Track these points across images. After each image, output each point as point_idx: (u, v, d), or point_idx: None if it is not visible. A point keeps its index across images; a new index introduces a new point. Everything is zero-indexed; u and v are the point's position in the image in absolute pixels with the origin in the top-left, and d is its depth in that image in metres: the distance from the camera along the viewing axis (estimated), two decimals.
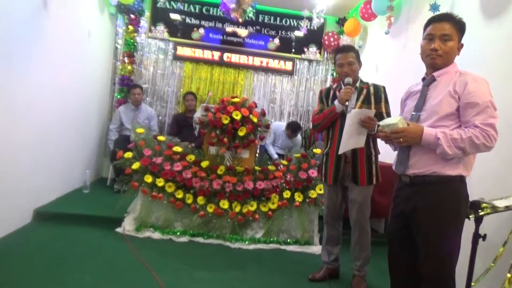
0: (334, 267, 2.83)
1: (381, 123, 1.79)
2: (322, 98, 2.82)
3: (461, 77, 1.69)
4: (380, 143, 2.13)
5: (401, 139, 1.69)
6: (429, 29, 1.78)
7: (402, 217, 1.82)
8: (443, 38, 1.73)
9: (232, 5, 4.15)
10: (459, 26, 1.74)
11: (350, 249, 2.74)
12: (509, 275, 2.12)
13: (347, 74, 2.63)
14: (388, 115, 2.58)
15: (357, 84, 2.67)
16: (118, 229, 3.39)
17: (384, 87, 2.66)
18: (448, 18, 1.75)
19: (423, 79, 1.85)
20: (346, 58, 2.65)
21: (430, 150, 1.69)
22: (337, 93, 2.70)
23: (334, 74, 5.80)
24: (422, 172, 1.73)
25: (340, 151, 2.45)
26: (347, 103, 2.56)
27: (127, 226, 3.41)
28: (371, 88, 2.65)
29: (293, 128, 5.06)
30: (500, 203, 1.96)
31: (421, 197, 1.74)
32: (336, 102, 2.62)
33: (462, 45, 1.78)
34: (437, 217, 1.69)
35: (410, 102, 1.88)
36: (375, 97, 2.62)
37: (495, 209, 1.94)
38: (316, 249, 3.39)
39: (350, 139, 2.33)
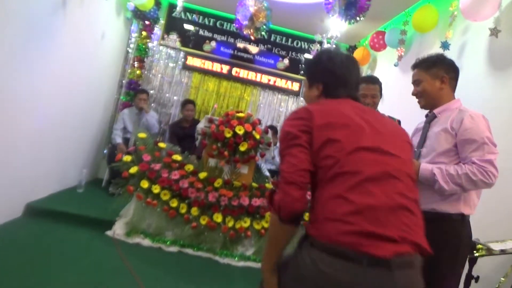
0: None
1: None
2: None
3: (459, 114, 1.72)
4: None
5: None
6: None
7: None
8: (415, 84, 1.89)
9: (245, 22, 4.21)
10: (426, 66, 1.84)
11: None
12: None
13: (368, 106, 2.62)
14: None
15: None
16: (108, 232, 3.35)
17: (399, 121, 2.64)
18: (415, 65, 1.91)
19: (426, 115, 1.90)
20: (370, 90, 2.62)
21: (429, 187, 1.69)
22: None
23: None
24: (421, 209, 1.72)
25: None
26: None
27: (118, 229, 3.37)
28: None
29: (271, 127, 4.95)
30: (496, 246, 1.94)
31: None
32: None
33: (444, 77, 1.83)
34: (435, 259, 1.66)
35: (415, 139, 1.93)
36: None
37: (490, 252, 1.92)
38: None
39: None
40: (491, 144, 1.63)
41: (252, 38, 4.14)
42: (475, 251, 1.90)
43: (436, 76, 1.82)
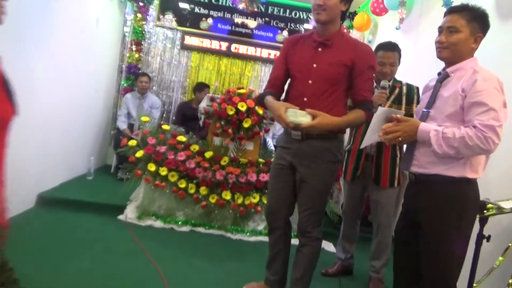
0: (348, 264, 2.83)
1: (289, 113, 1.82)
2: None
3: (473, 75, 1.60)
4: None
5: (399, 138, 1.66)
6: (441, 22, 1.73)
7: (408, 215, 1.79)
8: (449, 30, 1.66)
9: None
10: (471, 17, 1.64)
11: (370, 250, 2.73)
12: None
13: (386, 75, 2.53)
14: None
15: (390, 83, 2.55)
16: (120, 217, 3.40)
17: (418, 88, 2.55)
18: (457, 9, 1.68)
19: (439, 74, 1.78)
20: (389, 57, 2.53)
21: (434, 152, 1.64)
22: None
23: None
24: (426, 172, 1.69)
25: (362, 145, 2.41)
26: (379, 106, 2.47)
27: (129, 213, 3.42)
28: (404, 88, 2.56)
29: None
30: (507, 205, 1.92)
31: (425, 197, 1.70)
32: None
33: (479, 37, 1.66)
34: (439, 220, 1.64)
35: (424, 98, 1.83)
36: (407, 98, 2.52)
37: (500, 210, 1.90)
38: None
39: (374, 135, 2.26)
40: (499, 111, 1.53)
41: (248, 11, 4.04)
42: (485, 211, 1.88)
43: (474, 33, 1.65)
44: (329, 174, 2.05)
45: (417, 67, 3.65)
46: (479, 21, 1.65)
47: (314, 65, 1.98)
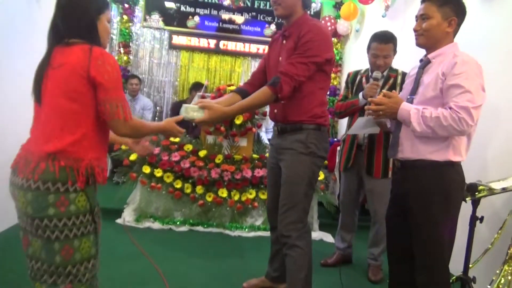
0: (347, 253, 2.85)
1: (182, 109, 1.80)
2: (348, 83, 2.69)
3: (453, 59, 1.63)
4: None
5: (380, 112, 1.70)
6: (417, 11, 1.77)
7: (397, 201, 1.82)
8: (422, 18, 1.72)
9: None
10: (442, 2, 1.68)
11: (368, 238, 2.75)
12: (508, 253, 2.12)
13: (379, 67, 2.50)
14: None
15: (385, 72, 2.53)
16: (118, 220, 3.40)
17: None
18: None
19: (421, 60, 1.81)
20: (383, 50, 2.49)
21: (417, 138, 1.67)
22: (364, 79, 2.60)
23: None
24: (411, 157, 1.71)
25: (349, 132, 2.42)
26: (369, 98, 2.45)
27: (127, 217, 3.42)
28: (399, 78, 2.53)
29: None
30: (497, 185, 1.95)
31: (411, 182, 1.72)
32: (360, 95, 2.49)
33: (452, 20, 1.69)
34: (425, 204, 1.66)
35: (407, 86, 1.86)
36: (401, 87, 2.46)
37: (491, 191, 1.93)
38: (316, 235, 3.40)
39: (363, 129, 2.24)
40: (474, 94, 1.55)
41: (233, 7, 4.03)
42: (476, 193, 1.91)
43: (446, 17, 1.68)
44: (301, 165, 1.94)
45: (404, 54, 3.66)
46: (451, 5, 1.68)
47: (280, 58, 2.00)
